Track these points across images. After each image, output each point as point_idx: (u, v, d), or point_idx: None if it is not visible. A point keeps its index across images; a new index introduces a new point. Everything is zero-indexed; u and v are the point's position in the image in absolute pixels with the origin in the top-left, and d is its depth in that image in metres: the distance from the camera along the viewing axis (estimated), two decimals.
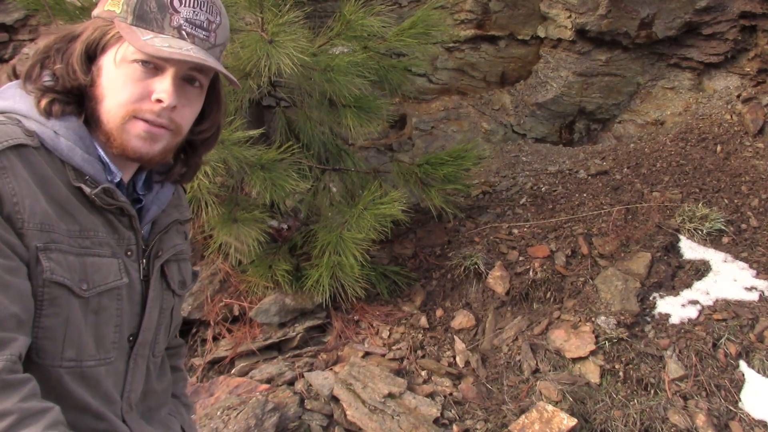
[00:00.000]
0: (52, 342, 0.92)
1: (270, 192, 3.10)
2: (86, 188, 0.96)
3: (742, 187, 4.17)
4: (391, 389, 2.86)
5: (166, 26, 0.98)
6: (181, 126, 1.03)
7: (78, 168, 0.97)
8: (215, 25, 1.03)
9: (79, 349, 0.95)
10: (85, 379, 0.97)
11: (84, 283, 0.95)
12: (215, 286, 3.65)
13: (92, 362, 0.98)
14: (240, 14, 3.22)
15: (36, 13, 3.74)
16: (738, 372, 2.98)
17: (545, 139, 5.50)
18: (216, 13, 1.03)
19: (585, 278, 3.52)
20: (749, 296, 3.33)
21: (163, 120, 0.99)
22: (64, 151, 0.96)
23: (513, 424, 2.73)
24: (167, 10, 0.98)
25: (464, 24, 5.36)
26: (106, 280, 0.99)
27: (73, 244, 0.94)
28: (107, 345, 1.01)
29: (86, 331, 0.97)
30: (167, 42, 0.96)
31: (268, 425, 2.61)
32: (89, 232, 0.97)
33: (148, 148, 0.99)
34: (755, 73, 4.95)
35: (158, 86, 0.97)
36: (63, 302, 0.92)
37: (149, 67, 0.97)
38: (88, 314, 0.97)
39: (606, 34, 4.99)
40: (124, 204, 1.02)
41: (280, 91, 3.63)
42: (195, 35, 0.99)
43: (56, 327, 0.92)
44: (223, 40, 1.06)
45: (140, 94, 0.97)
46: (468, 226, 4.05)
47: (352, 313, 3.58)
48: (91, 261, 0.97)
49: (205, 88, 1.07)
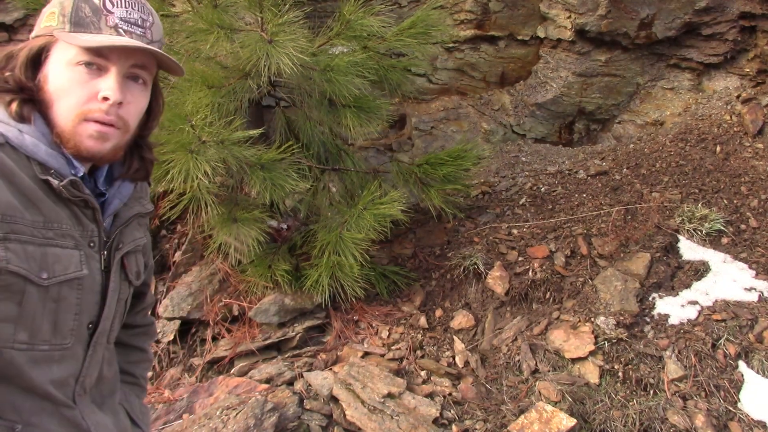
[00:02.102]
0: (5, 325, 0.96)
1: (270, 192, 3.10)
2: (53, 180, 1.01)
3: (741, 188, 4.17)
4: (390, 389, 2.85)
5: (103, 26, 1.04)
6: (129, 123, 1.09)
7: (43, 162, 1.02)
8: (149, 23, 1.09)
9: (32, 334, 1.00)
10: (36, 361, 1.01)
11: (44, 272, 0.99)
12: (215, 285, 3.65)
13: (45, 347, 1.02)
14: (240, 14, 3.22)
15: (35, 13, 3.73)
16: (737, 372, 2.98)
17: (545, 140, 5.50)
18: (147, 12, 1.09)
19: (584, 278, 3.52)
20: (748, 297, 3.33)
21: (112, 117, 1.04)
22: (28, 147, 1.01)
23: (512, 424, 2.73)
24: (101, 13, 1.04)
25: (464, 24, 5.36)
26: (66, 271, 1.03)
27: (36, 234, 0.98)
28: (65, 332, 1.05)
29: (43, 317, 1.01)
30: (107, 39, 1.02)
31: (267, 425, 2.60)
32: (53, 224, 1.02)
33: (100, 146, 1.05)
34: (755, 74, 4.95)
35: (103, 85, 1.03)
36: (16, 289, 0.96)
37: (93, 68, 1.03)
38: (48, 302, 1.01)
39: (606, 34, 4.99)
40: (88, 196, 1.07)
41: (279, 90, 3.63)
42: (132, 32, 1.06)
43: (8, 310, 0.96)
44: (159, 37, 1.11)
45: (87, 95, 1.03)
46: (467, 226, 4.05)
47: (352, 313, 3.58)
48: (53, 251, 1.01)
49: (149, 84, 1.12)
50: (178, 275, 3.75)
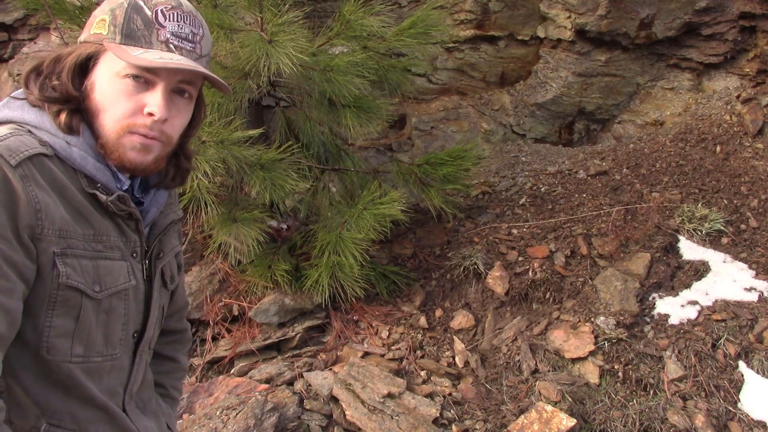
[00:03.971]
0: (63, 339, 0.98)
1: (269, 192, 3.10)
2: (101, 195, 1.02)
3: (741, 188, 4.17)
4: (390, 389, 2.85)
5: (154, 41, 1.02)
6: (172, 137, 1.08)
7: (90, 176, 1.02)
8: (199, 37, 1.07)
9: (87, 346, 1.01)
10: (90, 373, 1.03)
11: (96, 285, 1.00)
12: (215, 285, 3.65)
13: (99, 358, 1.04)
14: (240, 14, 3.22)
15: (35, 13, 3.74)
16: (737, 372, 2.98)
17: (545, 140, 5.50)
18: (198, 25, 1.08)
19: (584, 278, 3.52)
20: (748, 297, 3.33)
21: (155, 132, 1.03)
22: (77, 160, 1.00)
23: (512, 424, 2.73)
24: (153, 26, 1.02)
25: (464, 24, 5.36)
26: (116, 282, 1.05)
27: (87, 248, 1.00)
28: (114, 342, 1.07)
29: (96, 329, 1.03)
30: (158, 55, 1.00)
31: (267, 425, 2.60)
32: (102, 236, 1.03)
33: (142, 158, 1.04)
34: (755, 74, 4.95)
35: (150, 100, 1.02)
36: (74, 303, 0.98)
37: (140, 81, 1.01)
38: (100, 314, 1.02)
39: (606, 34, 4.99)
40: (134, 210, 1.07)
41: (279, 90, 3.63)
42: (182, 47, 1.04)
43: (67, 326, 0.98)
44: (208, 50, 1.11)
45: (133, 108, 1.01)
46: (467, 226, 4.05)
47: (352, 313, 3.58)
48: (104, 264, 1.02)
49: (194, 98, 1.11)
50: None
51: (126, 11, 1.02)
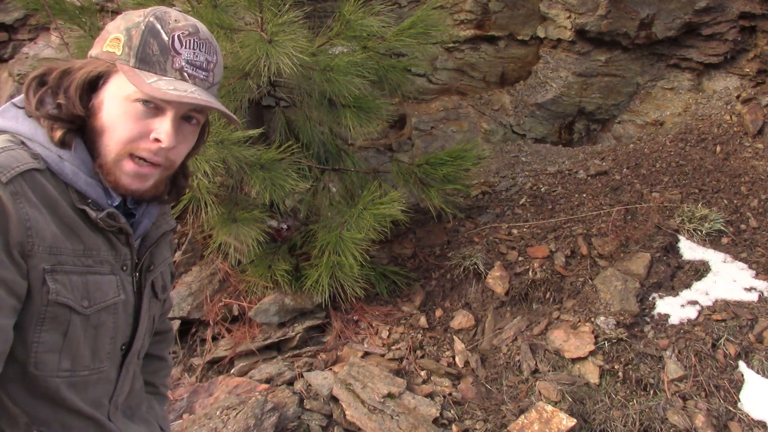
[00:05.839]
0: (51, 354, 0.98)
1: (269, 192, 3.10)
2: (91, 212, 1.01)
3: (741, 188, 4.17)
4: (390, 389, 2.85)
5: (168, 68, 1.01)
6: (175, 162, 1.08)
7: (81, 191, 1.01)
8: (213, 65, 1.06)
9: (74, 361, 1.01)
10: (75, 386, 1.03)
11: (85, 300, 1.00)
12: (215, 285, 3.65)
13: (85, 372, 1.04)
14: (240, 14, 3.22)
15: (35, 13, 3.74)
16: (737, 372, 2.98)
17: (545, 140, 5.50)
18: (213, 52, 1.07)
19: (584, 278, 3.52)
20: (748, 297, 3.33)
21: (159, 159, 1.03)
22: (68, 175, 0.99)
23: (512, 424, 2.73)
24: (169, 53, 1.01)
25: (464, 24, 5.36)
26: (105, 297, 1.04)
27: (77, 263, 0.99)
28: (102, 356, 1.07)
29: (84, 343, 1.02)
30: (172, 84, 0.99)
31: (267, 425, 2.60)
32: (92, 251, 1.02)
33: (138, 185, 1.04)
34: (755, 74, 4.95)
35: (158, 126, 1.01)
36: (63, 319, 0.97)
37: (150, 106, 1.00)
38: (88, 329, 1.02)
39: (606, 34, 4.99)
40: (124, 225, 1.07)
41: (279, 90, 3.63)
42: (196, 76, 1.03)
43: (55, 341, 0.98)
44: (219, 78, 1.10)
45: (140, 132, 1.00)
46: (467, 226, 4.05)
47: (352, 313, 3.58)
48: (93, 279, 1.02)
49: (200, 124, 1.10)
50: (178, 275, 3.74)
51: (143, 34, 1.00)
